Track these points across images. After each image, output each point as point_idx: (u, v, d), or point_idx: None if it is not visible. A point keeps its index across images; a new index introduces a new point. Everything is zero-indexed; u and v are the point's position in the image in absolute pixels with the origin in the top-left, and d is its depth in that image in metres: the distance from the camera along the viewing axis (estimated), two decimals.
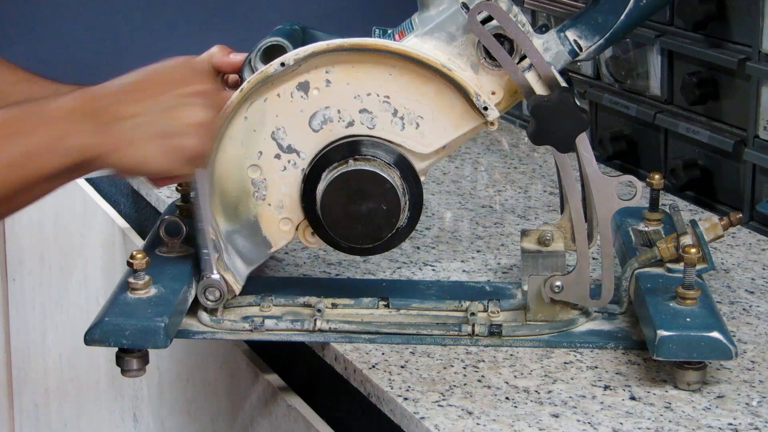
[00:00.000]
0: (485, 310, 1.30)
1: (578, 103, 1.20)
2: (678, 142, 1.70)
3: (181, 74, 1.13)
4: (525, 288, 1.28)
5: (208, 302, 1.26)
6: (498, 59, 1.20)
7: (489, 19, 1.19)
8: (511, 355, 1.23)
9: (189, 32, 2.10)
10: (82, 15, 2.07)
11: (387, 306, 1.31)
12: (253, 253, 1.28)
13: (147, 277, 1.24)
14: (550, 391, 1.16)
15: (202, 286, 1.25)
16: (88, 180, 1.92)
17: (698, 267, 1.20)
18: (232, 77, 1.29)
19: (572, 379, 1.18)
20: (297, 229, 1.27)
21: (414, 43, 1.22)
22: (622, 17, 1.22)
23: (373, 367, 1.20)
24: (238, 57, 1.27)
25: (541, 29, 1.24)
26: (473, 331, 1.25)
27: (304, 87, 1.22)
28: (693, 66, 1.64)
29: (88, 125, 1.07)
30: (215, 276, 1.25)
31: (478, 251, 1.49)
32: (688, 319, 1.16)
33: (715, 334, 1.14)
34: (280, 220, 1.27)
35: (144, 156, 1.10)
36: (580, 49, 1.23)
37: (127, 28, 2.09)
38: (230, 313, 1.29)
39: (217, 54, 1.28)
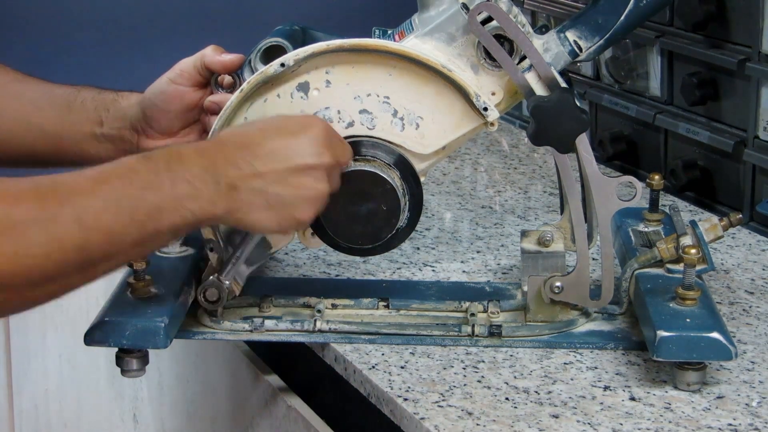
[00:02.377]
0: (485, 311, 1.30)
1: (578, 103, 1.20)
2: (678, 143, 1.70)
3: (310, 147, 1.12)
4: (525, 288, 1.28)
5: (208, 303, 1.26)
6: (498, 60, 1.20)
7: (489, 19, 1.19)
8: (511, 355, 1.23)
9: (189, 32, 2.10)
10: (82, 15, 2.07)
11: (387, 306, 1.31)
12: (253, 253, 1.28)
13: (147, 278, 1.24)
14: (550, 392, 1.16)
15: (201, 288, 1.25)
16: None
17: (698, 267, 1.20)
18: (227, 79, 1.29)
19: (572, 379, 1.18)
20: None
21: (414, 43, 1.22)
22: (622, 18, 1.22)
23: (373, 367, 1.20)
24: (229, 57, 1.27)
25: (541, 30, 1.24)
26: (473, 331, 1.25)
27: (304, 87, 1.22)
28: (693, 66, 1.64)
29: (212, 189, 1.06)
30: (227, 283, 1.24)
31: (478, 252, 1.49)
32: (687, 320, 1.16)
33: (715, 335, 1.14)
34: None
35: (258, 221, 1.11)
36: (580, 49, 1.23)
37: (127, 28, 2.09)
38: (230, 313, 1.29)
39: (209, 54, 1.28)
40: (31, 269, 0.96)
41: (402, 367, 1.20)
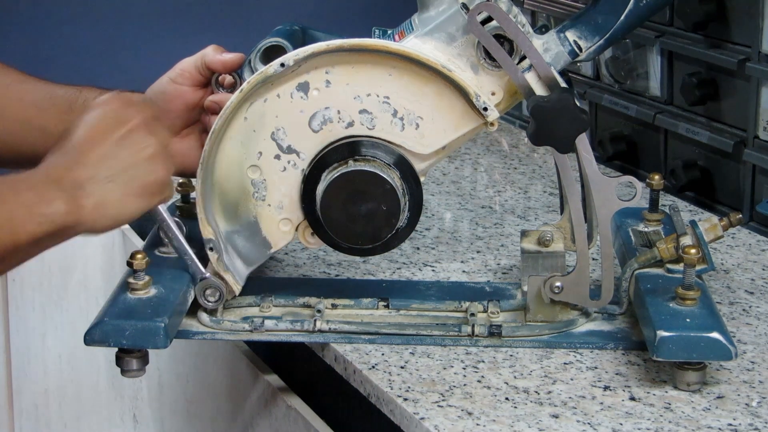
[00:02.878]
0: (485, 311, 1.30)
1: (578, 103, 1.20)
2: (678, 143, 1.70)
3: (113, 117, 1.12)
4: (525, 288, 1.28)
5: (208, 303, 1.26)
6: (498, 60, 1.20)
7: (489, 19, 1.19)
8: (511, 355, 1.23)
9: (189, 32, 2.10)
10: (82, 15, 2.07)
11: (387, 306, 1.31)
12: (253, 253, 1.28)
13: (147, 278, 1.24)
14: (549, 392, 1.16)
15: (201, 287, 1.25)
16: None
17: (698, 267, 1.20)
18: (228, 79, 1.29)
19: (572, 379, 1.18)
20: (297, 229, 1.27)
21: (414, 43, 1.22)
22: (622, 18, 1.22)
23: (373, 367, 1.20)
24: (229, 56, 1.27)
25: (541, 30, 1.24)
26: (473, 331, 1.25)
27: (303, 87, 1.22)
28: (693, 66, 1.64)
29: (57, 193, 1.07)
30: (207, 275, 1.25)
31: (477, 252, 1.49)
32: (687, 320, 1.16)
33: (715, 335, 1.14)
34: (280, 221, 1.27)
35: (118, 210, 1.11)
36: (580, 49, 1.23)
37: (127, 28, 2.09)
38: (230, 313, 1.29)
39: (210, 53, 1.28)
40: None
41: (402, 367, 1.20)
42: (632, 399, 1.15)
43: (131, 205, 1.11)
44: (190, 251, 1.26)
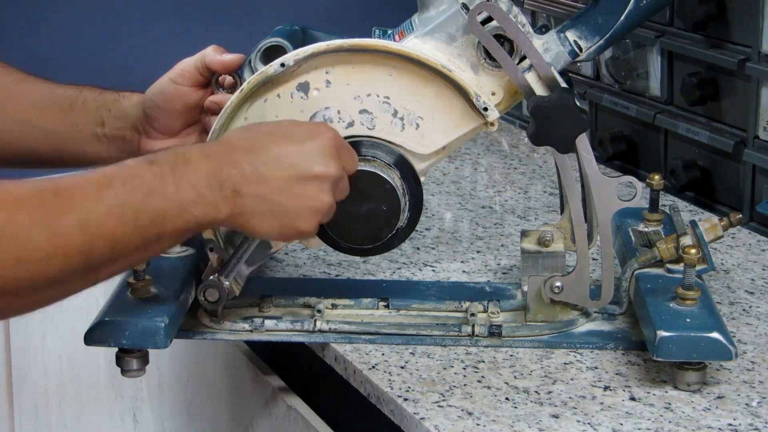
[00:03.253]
0: (485, 311, 1.30)
1: (578, 103, 1.20)
2: (678, 143, 1.70)
3: (315, 155, 1.11)
4: (525, 288, 1.28)
5: (208, 304, 1.26)
6: (498, 60, 1.20)
7: (489, 19, 1.19)
8: (511, 355, 1.23)
9: (189, 32, 2.10)
10: (82, 15, 2.07)
11: (387, 306, 1.31)
12: (254, 253, 1.28)
13: (147, 278, 1.24)
14: (550, 392, 1.16)
15: (201, 288, 1.25)
16: None
17: (698, 268, 1.20)
18: (228, 80, 1.29)
19: (572, 379, 1.18)
20: None
21: (414, 43, 1.22)
22: (622, 18, 1.22)
23: (373, 367, 1.20)
24: (229, 57, 1.27)
25: (541, 30, 1.24)
26: (473, 331, 1.25)
27: (304, 87, 1.22)
28: (693, 66, 1.64)
29: (217, 195, 1.06)
30: (227, 283, 1.24)
31: (478, 252, 1.49)
32: (687, 320, 1.16)
33: (715, 335, 1.14)
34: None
35: (259, 227, 1.10)
36: (580, 49, 1.23)
37: (128, 27, 2.09)
38: (230, 313, 1.29)
39: (210, 54, 1.27)
40: (34, 274, 0.96)
41: (402, 367, 1.20)
42: (632, 399, 1.15)
43: (271, 231, 1.11)
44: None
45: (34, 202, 0.96)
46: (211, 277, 1.25)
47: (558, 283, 1.24)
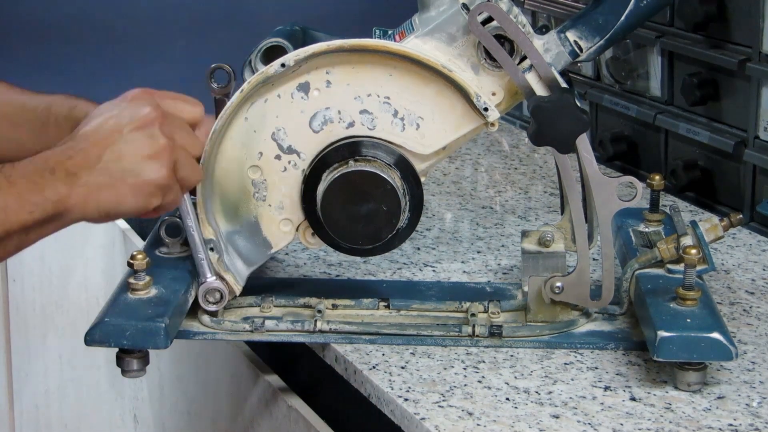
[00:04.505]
0: (485, 311, 1.30)
1: (578, 104, 1.20)
2: (678, 143, 1.70)
3: (128, 110, 1.13)
4: (525, 289, 1.28)
5: (210, 305, 1.26)
6: (498, 60, 1.20)
7: (489, 19, 1.19)
8: (512, 356, 1.23)
9: (189, 33, 2.10)
10: (82, 14, 2.07)
11: (387, 307, 1.31)
12: (254, 253, 1.28)
13: (147, 278, 1.24)
14: (550, 392, 1.16)
15: (202, 291, 1.25)
16: None
17: (698, 268, 1.20)
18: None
19: (572, 379, 1.18)
20: (297, 229, 1.27)
21: (414, 43, 1.22)
22: (623, 18, 1.22)
23: (374, 367, 1.20)
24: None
25: (542, 30, 1.24)
26: (473, 331, 1.25)
27: (304, 88, 1.22)
28: (693, 67, 1.64)
29: (51, 179, 1.08)
30: (211, 278, 1.25)
31: (478, 252, 1.49)
32: (688, 320, 1.16)
33: (716, 335, 1.14)
34: (281, 221, 1.27)
35: (115, 200, 1.11)
36: (581, 50, 1.23)
37: (128, 28, 2.10)
38: (230, 313, 1.29)
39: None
40: None
41: (402, 368, 1.20)
42: (633, 399, 1.15)
43: (125, 200, 1.12)
44: (204, 251, 1.25)
45: None
46: (212, 277, 1.25)
47: (558, 284, 1.24)
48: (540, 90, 1.20)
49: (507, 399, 1.15)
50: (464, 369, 1.20)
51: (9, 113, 1.31)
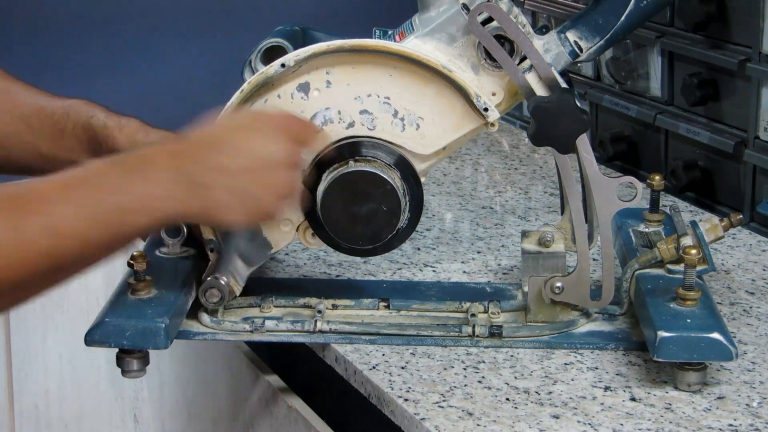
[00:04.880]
0: (486, 311, 1.30)
1: (579, 104, 1.20)
2: (678, 143, 1.70)
3: (272, 142, 1.13)
4: (525, 289, 1.28)
5: (210, 303, 1.26)
6: (498, 60, 1.20)
7: (489, 20, 1.19)
8: (512, 356, 1.23)
9: (190, 33, 2.10)
10: (83, 14, 2.07)
11: (387, 307, 1.31)
12: (254, 254, 1.28)
13: (147, 278, 1.24)
14: (550, 392, 1.16)
15: (203, 288, 1.25)
16: None
17: (699, 268, 1.20)
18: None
19: (573, 380, 1.18)
20: (297, 230, 1.27)
21: (414, 44, 1.22)
22: (623, 18, 1.22)
23: (374, 368, 1.20)
24: None
25: (542, 30, 1.24)
26: (474, 332, 1.25)
27: (304, 88, 1.22)
28: (693, 67, 1.64)
29: (180, 188, 1.06)
30: (225, 280, 1.25)
31: (478, 252, 1.49)
32: (688, 320, 1.16)
33: (716, 335, 1.14)
34: (281, 221, 1.27)
35: (227, 215, 1.11)
36: (581, 50, 1.23)
37: (128, 28, 2.09)
38: (231, 314, 1.29)
39: None
40: (1, 278, 0.95)
41: (402, 368, 1.20)
42: (633, 399, 1.15)
43: (239, 216, 1.11)
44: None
45: (4, 207, 0.97)
46: (210, 278, 1.25)
47: (558, 284, 1.24)
48: (540, 90, 1.20)
49: (507, 399, 1.15)
50: (464, 369, 1.20)
51: (27, 115, 1.30)
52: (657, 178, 1.35)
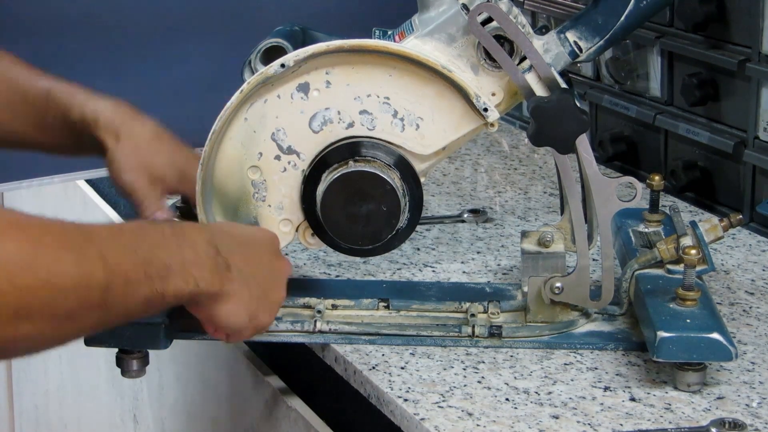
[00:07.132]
0: (485, 312, 1.30)
1: (578, 104, 1.20)
2: (678, 144, 1.70)
3: (270, 248, 1.17)
4: (525, 289, 1.28)
5: None
6: (498, 60, 1.20)
7: (489, 20, 1.19)
8: (511, 356, 1.23)
9: (189, 33, 2.10)
10: (83, 14, 2.07)
11: (387, 307, 1.31)
12: None
13: None
14: (550, 393, 1.16)
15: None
16: (88, 181, 1.92)
17: (698, 268, 1.20)
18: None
19: (572, 380, 1.18)
20: (297, 230, 1.27)
21: (414, 44, 1.22)
22: (622, 18, 1.22)
23: (374, 368, 1.20)
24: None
25: (541, 30, 1.24)
26: (473, 332, 1.25)
27: (304, 88, 1.22)
28: (693, 67, 1.64)
29: (213, 262, 1.06)
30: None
31: (478, 252, 1.49)
32: (688, 321, 1.16)
33: (715, 336, 1.14)
34: (280, 222, 1.27)
35: (231, 311, 1.09)
36: (580, 50, 1.23)
37: (127, 28, 2.09)
38: None
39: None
40: (57, 301, 0.92)
41: (402, 368, 1.20)
42: (632, 400, 1.15)
43: (245, 311, 1.11)
44: None
45: (58, 231, 0.94)
46: None
47: (558, 284, 1.24)
48: (540, 90, 1.20)
49: (507, 399, 1.15)
50: (464, 369, 1.20)
51: (12, 101, 1.31)
52: (657, 178, 1.35)
